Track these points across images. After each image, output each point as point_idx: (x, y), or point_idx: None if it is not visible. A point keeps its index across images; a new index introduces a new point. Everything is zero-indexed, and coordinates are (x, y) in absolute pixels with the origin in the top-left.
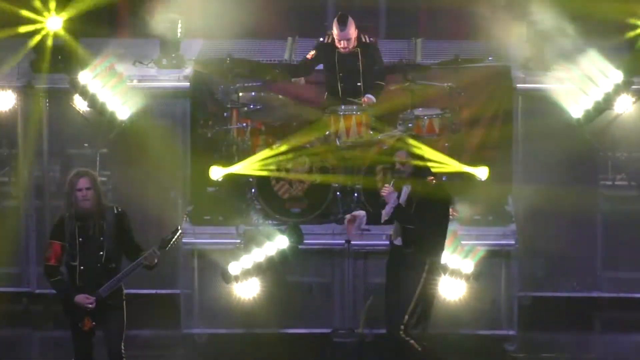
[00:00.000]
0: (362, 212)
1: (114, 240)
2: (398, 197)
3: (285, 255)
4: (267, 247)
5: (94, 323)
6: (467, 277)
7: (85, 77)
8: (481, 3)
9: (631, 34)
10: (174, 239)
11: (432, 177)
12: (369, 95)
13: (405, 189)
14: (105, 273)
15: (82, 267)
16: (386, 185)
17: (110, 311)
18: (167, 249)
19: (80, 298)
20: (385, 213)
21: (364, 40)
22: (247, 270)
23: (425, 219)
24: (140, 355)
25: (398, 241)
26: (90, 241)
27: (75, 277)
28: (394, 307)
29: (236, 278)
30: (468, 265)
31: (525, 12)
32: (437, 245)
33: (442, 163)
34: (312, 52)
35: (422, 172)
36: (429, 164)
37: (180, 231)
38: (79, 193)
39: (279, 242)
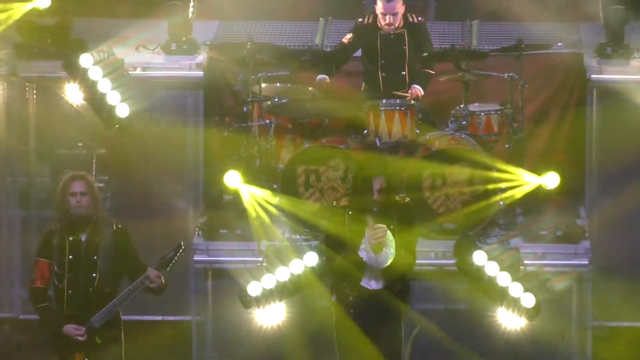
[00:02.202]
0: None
1: (110, 261)
2: None
3: (315, 275)
4: (293, 266)
5: (86, 359)
6: (526, 313)
7: (85, 60)
8: None
9: None
10: (175, 258)
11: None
12: (416, 87)
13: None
14: (98, 299)
15: (70, 291)
16: (378, 225)
17: (104, 344)
18: (167, 269)
19: (69, 329)
20: (386, 256)
21: (411, 20)
22: (269, 291)
23: (411, 247)
24: None
25: (375, 284)
26: (81, 260)
27: (62, 303)
28: None
29: (257, 301)
30: (529, 300)
31: None
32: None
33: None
34: (349, 36)
35: (394, 190)
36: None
37: (183, 247)
38: (73, 199)
39: (307, 260)
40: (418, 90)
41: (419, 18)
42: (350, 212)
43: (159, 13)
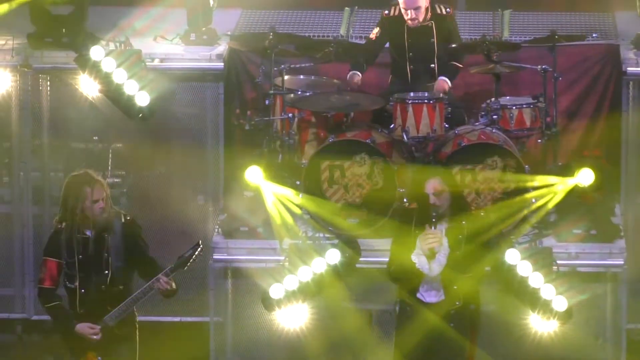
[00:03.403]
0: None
1: (121, 257)
2: None
3: (338, 274)
4: (315, 265)
5: (99, 358)
6: (558, 316)
7: (97, 53)
8: None
9: None
10: (193, 257)
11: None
12: (443, 78)
13: (441, 228)
14: (111, 297)
15: (82, 290)
16: (430, 230)
17: (119, 343)
18: (185, 269)
19: (83, 328)
20: (438, 264)
21: (439, 11)
22: (292, 293)
23: (481, 263)
24: None
25: (433, 296)
26: (92, 258)
27: (75, 303)
28: None
29: (279, 303)
30: (561, 303)
31: None
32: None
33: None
34: (376, 30)
35: (463, 201)
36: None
37: (201, 246)
38: (96, 205)
39: (330, 258)
40: (444, 82)
41: (447, 10)
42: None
43: (177, 2)
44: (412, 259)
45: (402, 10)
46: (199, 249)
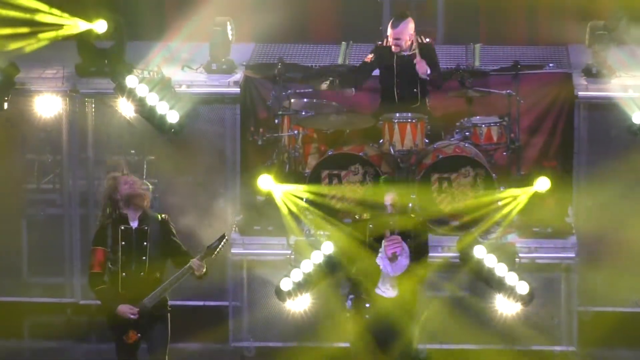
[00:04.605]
0: (400, 246)
1: (158, 247)
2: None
3: (332, 263)
4: (314, 257)
5: (139, 335)
6: (521, 299)
7: (131, 81)
8: (542, 7)
9: None
10: (219, 247)
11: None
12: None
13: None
14: (149, 282)
15: (124, 274)
16: (391, 236)
17: (154, 322)
18: (212, 256)
19: (124, 309)
20: (400, 266)
21: (420, 41)
22: (298, 284)
23: (426, 257)
24: None
25: (389, 292)
26: (133, 245)
27: (117, 284)
28: None
29: (289, 295)
30: (523, 287)
31: (589, 17)
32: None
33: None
34: (371, 55)
35: (406, 208)
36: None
37: (226, 238)
38: (126, 186)
39: (324, 249)
40: (424, 66)
41: (427, 39)
42: (371, 226)
43: (201, 37)
44: (377, 262)
45: (390, 39)
46: (225, 240)
